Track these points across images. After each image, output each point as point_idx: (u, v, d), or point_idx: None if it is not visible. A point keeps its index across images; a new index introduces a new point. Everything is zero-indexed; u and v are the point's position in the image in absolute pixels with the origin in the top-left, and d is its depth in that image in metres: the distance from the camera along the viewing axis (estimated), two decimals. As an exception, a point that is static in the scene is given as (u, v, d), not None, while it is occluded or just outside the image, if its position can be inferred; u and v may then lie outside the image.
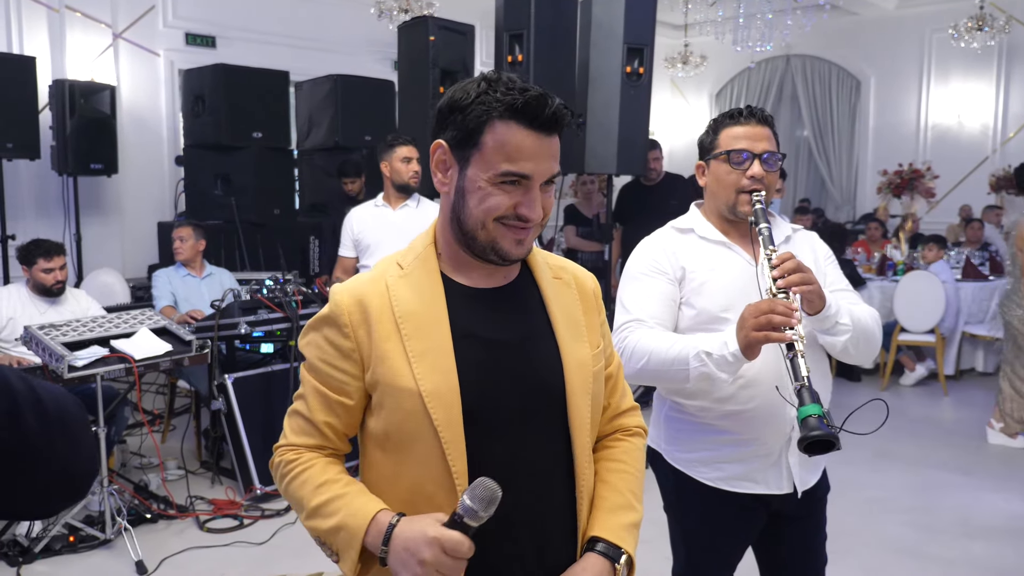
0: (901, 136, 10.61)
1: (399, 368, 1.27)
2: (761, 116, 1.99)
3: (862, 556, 3.68)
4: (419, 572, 1.17)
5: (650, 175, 6.03)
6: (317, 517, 1.29)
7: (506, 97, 1.23)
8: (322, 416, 1.33)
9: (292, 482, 1.34)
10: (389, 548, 1.21)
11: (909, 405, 6.21)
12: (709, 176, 2.04)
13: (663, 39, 10.36)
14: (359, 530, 1.24)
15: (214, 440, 4.54)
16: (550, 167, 1.27)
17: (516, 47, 4.84)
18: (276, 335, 4.58)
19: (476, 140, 1.25)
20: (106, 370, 3.57)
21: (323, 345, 1.33)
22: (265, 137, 6.49)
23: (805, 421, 1.58)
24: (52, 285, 4.27)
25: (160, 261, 6.51)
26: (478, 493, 1.16)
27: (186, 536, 3.82)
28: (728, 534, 2.06)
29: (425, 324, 1.29)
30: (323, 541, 1.30)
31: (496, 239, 1.28)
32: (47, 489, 0.91)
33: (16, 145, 5.64)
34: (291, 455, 1.35)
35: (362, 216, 4.28)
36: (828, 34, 10.57)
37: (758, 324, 1.70)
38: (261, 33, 7.61)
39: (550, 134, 1.26)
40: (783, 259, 1.79)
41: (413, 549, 1.18)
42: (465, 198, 1.28)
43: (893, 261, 7.31)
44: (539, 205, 1.27)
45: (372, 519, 1.24)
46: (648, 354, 1.88)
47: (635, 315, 1.96)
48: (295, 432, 1.37)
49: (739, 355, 1.76)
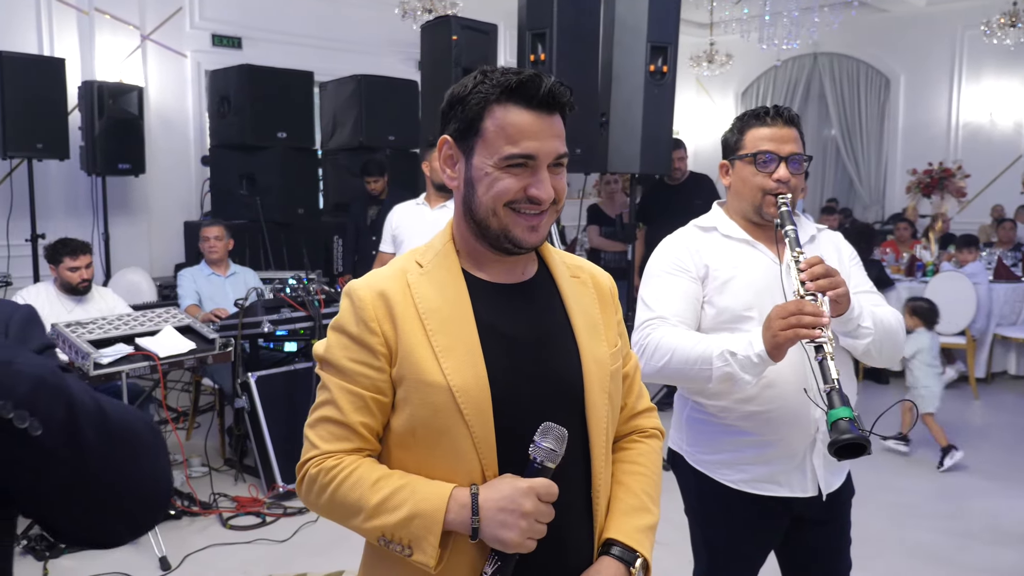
0: (931, 135, 10.45)
1: (426, 363, 1.25)
2: (788, 116, 1.97)
3: (890, 562, 3.62)
4: (523, 525, 1.17)
5: (674, 175, 5.99)
6: (381, 514, 1.22)
7: (501, 79, 1.24)
8: (357, 417, 1.27)
9: (340, 487, 1.25)
10: (481, 516, 1.18)
11: (939, 408, 6.10)
12: (734, 176, 2.02)
13: (688, 37, 10.30)
14: (438, 512, 1.19)
15: (237, 438, 4.57)
16: (555, 146, 1.26)
17: (539, 46, 4.82)
18: (299, 334, 4.60)
19: (477, 127, 1.26)
20: (131, 367, 3.61)
21: (349, 344, 1.29)
22: (290, 137, 6.53)
23: (835, 424, 1.56)
24: (78, 283, 4.32)
25: (186, 260, 6.57)
26: (550, 434, 1.20)
27: (209, 533, 3.85)
28: (750, 538, 2.03)
29: (450, 319, 1.27)
30: (390, 538, 1.22)
31: (508, 226, 1.27)
32: (109, 510, 0.88)
33: (46, 145, 5.71)
34: (331, 462, 1.27)
35: (402, 212, 4.34)
36: (857, 32, 10.45)
37: (787, 324, 1.68)
38: (286, 34, 7.66)
39: (550, 113, 1.26)
40: (811, 263, 1.77)
41: (511, 505, 1.17)
42: (474, 187, 1.28)
43: (922, 262, 7.20)
44: (548, 185, 1.26)
45: (450, 497, 1.20)
46: (671, 352, 1.85)
47: (658, 312, 1.94)
48: (327, 440, 1.28)
49: (764, 356, 1.74)
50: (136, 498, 0.89)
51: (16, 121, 5.51)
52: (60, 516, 0.88)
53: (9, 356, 0.77)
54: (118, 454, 0.85)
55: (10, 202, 6.00)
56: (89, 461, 0.82)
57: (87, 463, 0.82)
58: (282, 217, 6.49)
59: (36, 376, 0.77)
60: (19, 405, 0.74)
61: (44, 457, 0.78)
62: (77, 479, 0.82)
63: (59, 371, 0.82)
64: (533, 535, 1.19)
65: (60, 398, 0.79)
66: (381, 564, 1.34)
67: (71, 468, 0.81)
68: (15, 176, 6.07)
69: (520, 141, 1.24)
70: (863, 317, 1.86)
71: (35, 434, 0.75)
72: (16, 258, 5.96)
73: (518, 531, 1.17)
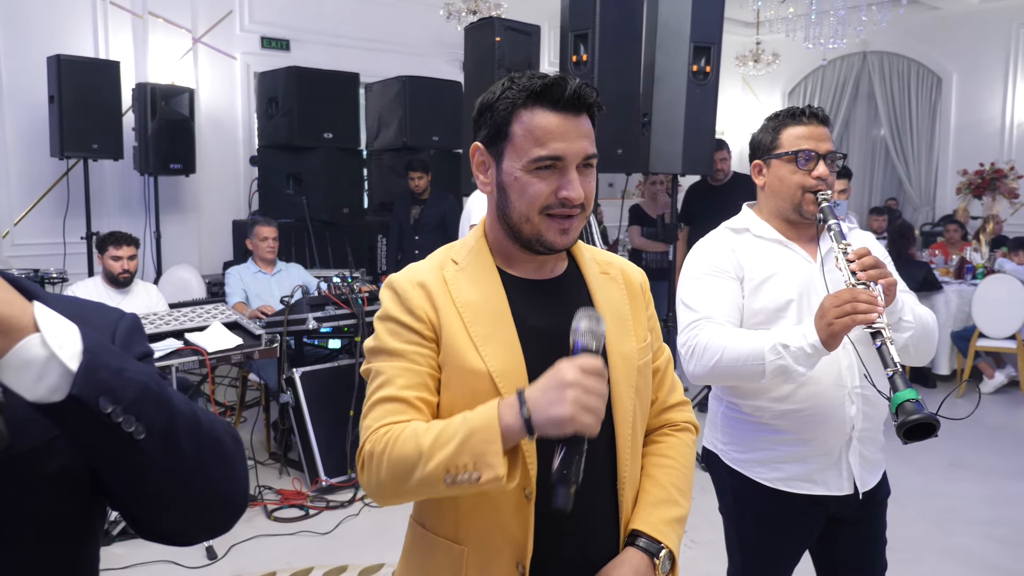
0: (984, 135, 10.20)
1: (467, 351, 1.28)
2: (822, 116, 2.00)
3: (932, 565, 3.57)
4: (571, 395, 1.12)
5: (716, 175, 5.96)
6: (439, 449, 1.17)
7: (527, 84, 1.27)
8: (414, 392, 1.27)
9: (394, 447, 1.21)
10: (529, 405, 1.15)
11: (987, 413, 5.98)
12: (770, 176, 2.02)
13: (734, 37, 10.20)
14: (491, 420, 1.15)
15: (282, 432, 4.66)
16: (583, 147, 1.28)
17: (581, 47, 4.83)
18: (343, 331, 4.68)
19: (506, 132, 1.29)
20: (181, 362, 3.72)
21: (399, 330, 1.31)
22: (336, 137, 6.63)
23: (902, 406, 1.56)
24: (119, 274, 4.45)
25: (234, 258, 6.72)
26: (581, 315, 1.20)
27: (254, 524, 3.94)
28: (785, 537, 2.04)
29: (486, 312, 1.31)
30: (455, 469, 1.16)
31: (541, 232, 1.29)
32: (194, 512, 0.93)
33: (101, 146, 5.89)
34: (382, 431, 1.24)
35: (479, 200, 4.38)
36: (907, 30, 10.25)
37: (842, 312, 1.69)
38: (333, 36, 7.77)
39: (577, 114, 1.28)
40: (860, 253, 1.78)
41: (553, 382, 1.15)
42: (507, 192, 1.31)
43: (972, 264, 7.06)
44: (578, 185, 1.27)
45: (499, 404, 1.18)
46: (721, 350, 1.86)
47: (703, 313, 1.95)
48: (381, 418, 1.25)
49: (819, 346, 1.74)
50: (218, 501, 0.94)
51: (73, 122, 5.70)
52: (148, 513, 0.94)
53: (121, 364, 0.82)
54: (207, 460, 0.90)
55: (67, 201, 6.21)
56: (183, 465, 0.87)
57: (182, 467, 0.87)
58: (328, 216, 6.60)
59: (143, 384, 0.83)
60: (127, 410, 0.80)
61: (145, 458, 0.84)
62: (171, 481, 0.87)
63: (161, 379, 0.88)
64: (586, 406, 1.12)
65: (163, 406, 0.84)
66: (420, 554, 1.37)
67: (167, 470, 0.86)
68: (71, 176, 6.28)
69: (548, 143, 1.26)
70: (904, 311, 1.87)
71: (139, 438, 0.81)
72: (72, 255, 6.16)
73: (568, 404, 1.12)
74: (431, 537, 1.35)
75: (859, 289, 1.71)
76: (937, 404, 1.68)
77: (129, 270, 4.46)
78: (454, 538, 1.32)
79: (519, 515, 1.28)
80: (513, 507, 1.28)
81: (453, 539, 1.32)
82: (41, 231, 6.22)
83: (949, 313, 6.61)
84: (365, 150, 7.49)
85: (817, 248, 1.98)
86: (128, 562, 3.48)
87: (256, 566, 3.54)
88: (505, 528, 1.28)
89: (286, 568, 3.52)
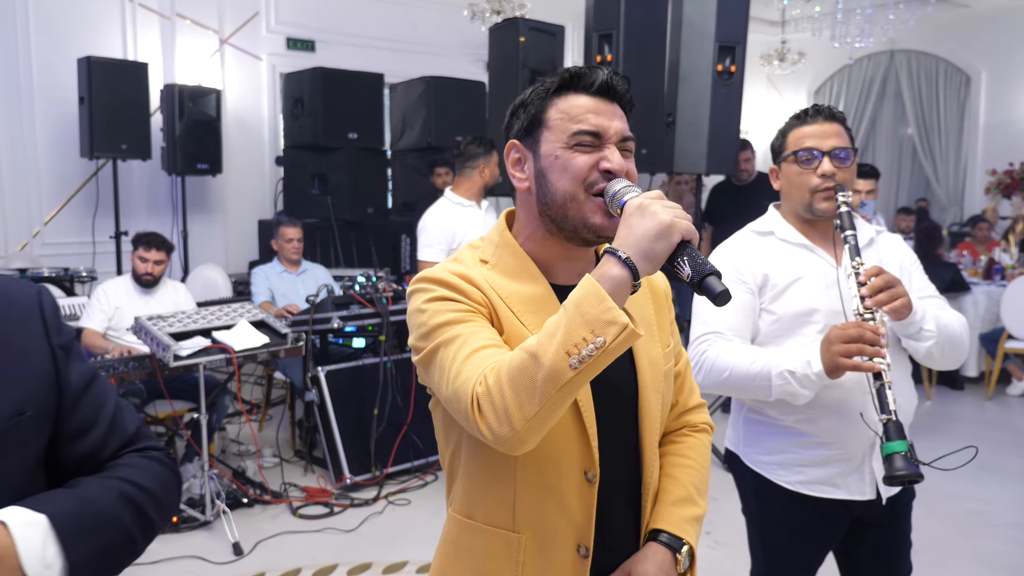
0: (1014, 134, 10.06)
1: (522, 334, 1.24)
2: (829, 113, 1.99)
3: (957, 569, 3.53)
4: (658, 207, 1.13)
5: (741, 175, 5.94)
6: (549, 341, 1.09)
7: (556, 76, 1.31)
8: (494, 340, 1.21)
9: (508, 365, 1.11)
10: (623, 246, 1.13)
11: (1016, 416, 5.91)
12: (782, 179, 2.06)
13: (759, 36, 10.13)
14: (591, 286, 1.11)
15: (307, 430, 4.71)
16: (620, 126, 1.30)
17: (605, 47, 4.84)
18: (367, 330, 4.71)
19: (541, 119, 1.31)
20: (208, 360, 3.77)
21: (453, 305, 1.24)
22: (360, 138, 6.67)
23: (890, 458, 1.61)
24: (143, 274, 4.51)
25: (260, 257, 6.78)
26: (612, 181, 1.25)
27: (279, 521, 3.98)
28: (808, 540, 2.03)
29: (533, 300, 1.30)
30: (574, 345, 1.08)
31: (586, 214, 1.27)
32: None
33: (130, 146, 5.97)
34: (488, 369, 1.14)
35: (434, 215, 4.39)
36: (935, 28, 10.13)
37: (847, 351, 1.72)
38: (358, 36, 7.81)
39: (610, 100, 1.31)
40: (871, 274, 1.78)
41: (636, 211, 1.14)
42: (547, 177, 1.30)
43: (1001, 265, 6.97)
44: (620, 158, 1.28)
45: (591, 273, 1.13)
46: (729, 369, 1.88)
47: (713, 327, 1.95)
48: (483, 363, 1.15)
49: (823, 375, 1.77)
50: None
51: (102, 123, 5.79)
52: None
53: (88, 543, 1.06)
54: (167, 517, 1.23)
55: (96, 201, 6.30)
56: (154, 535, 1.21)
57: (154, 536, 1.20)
58: (352, 216, 6.65)
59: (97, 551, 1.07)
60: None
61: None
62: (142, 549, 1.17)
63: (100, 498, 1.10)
64: (676, 212, 1.12)
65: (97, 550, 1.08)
66: (467, 546, 1.36)
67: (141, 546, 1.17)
68: (100, 176, 6.37)
69: (585, 119, 1.28)
70: (926, 320, 1.86)
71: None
72: (100, 254, 6.25)
73: (659, 214, 1.12)
74: (482, 528, 1.34)
75: (866, 325, 1.73)
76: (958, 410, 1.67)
77: (153, 273, 4.52)
78: (510, 527, 1.31)
79: (582, 499, 1.29)
80: (576, 491, 1.28)
81: (509, 528, 1.31)
82: (71, 230, 6.32)
83: (977, 314, 6.53)
84: (389, 150, 7.53)
85: (840, 248, 1.97)
86: (156, 557, 3.53)
87: (281, 562, 3.58)
88: (567, 512, 1.29)
89: (311, 564, 3.56)
